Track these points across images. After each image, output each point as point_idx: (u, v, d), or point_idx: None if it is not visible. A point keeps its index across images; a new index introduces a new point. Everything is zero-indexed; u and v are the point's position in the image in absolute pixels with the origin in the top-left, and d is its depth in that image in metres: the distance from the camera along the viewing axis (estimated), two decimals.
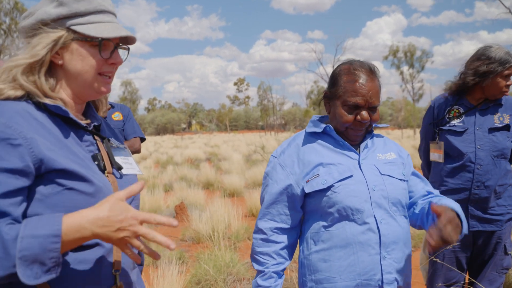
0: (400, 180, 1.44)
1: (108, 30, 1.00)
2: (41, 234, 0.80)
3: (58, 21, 0.98)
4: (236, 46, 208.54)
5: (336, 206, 1.35)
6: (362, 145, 1.45)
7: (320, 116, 1.57)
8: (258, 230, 1.48)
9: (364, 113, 1.38)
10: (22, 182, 0.87)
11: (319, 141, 1.46)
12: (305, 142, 1.48)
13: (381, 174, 1.40)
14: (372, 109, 1.39)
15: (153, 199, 6.78)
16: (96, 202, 0.92)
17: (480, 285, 2.25)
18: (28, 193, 0.89)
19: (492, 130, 2.23)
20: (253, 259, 1.49)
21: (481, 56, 2.23)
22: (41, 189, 0.90)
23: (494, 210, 2.25)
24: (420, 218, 1.43)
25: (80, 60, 1.00)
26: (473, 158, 2.23)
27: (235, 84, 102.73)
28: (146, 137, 3.36)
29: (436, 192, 1.54)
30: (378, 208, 1.36)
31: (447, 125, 2.33)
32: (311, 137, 1.48)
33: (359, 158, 1.42)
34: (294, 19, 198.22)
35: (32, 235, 0.80)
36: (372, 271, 1.33)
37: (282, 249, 1.46)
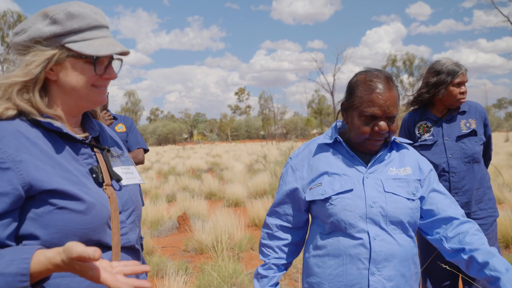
0: (407, 199, 1.38)
1: (103, 47, 1.00)
2: (8, 273, 0.80)
3: (52, 39, 0.98)
4: (237, 56, 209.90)
5: (332, 218, 1.37)
6: (373, 158, 1.42)
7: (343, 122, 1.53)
8: (266, 225, 1.58)
9: (382, 123, 1.35)
10: (10, 205, 0.87)
11: (332, 149, 1.47)
12: (318, 149, 1.49)
13: (384, 191, 1.37)
14: (390, 118, 1.36)
15: (156, 209, 6.78)
16: (89, 219, 0.93)
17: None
18: (21, 212, 0.91)
19: (460, 137, 2.34)
20: (260, 250, 1.60)
21: (430, 69, 2.42)
22: (34, 209, 0.90)
23: (477, 214, 2.33)
24: (456, 258, 1.35)
25: (74, 76, 1.00)
26: (446, 168, 2.34)
27: (236, 93, 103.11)
28: (148, 147, 3.39)
29: (463, 217, 1.40)
30: (373, 224, 1.34)
31: (419, 140, 2.44)
32: (325, 144, 1.49)
33: (365, 172, 1.40)
34: (294, 29, 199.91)
35: (0, 273, 0.80)
36: (359, 284, 1.34)
37: (285, 245, 1.54)
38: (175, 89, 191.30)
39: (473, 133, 2.34)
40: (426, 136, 2.42)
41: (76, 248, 0.78)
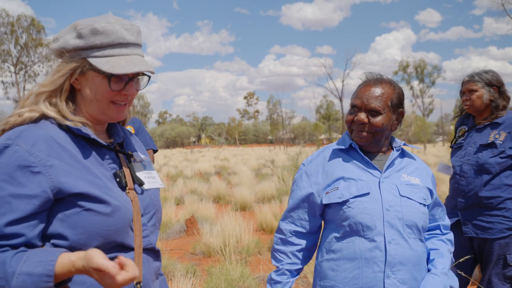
0: (420, 204, 1.45)
1: (119, 66, 1.02)
2: (36, 273, 0.86)
3: (75, 52, 1.03)
4: (246, 61, 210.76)
5: (349, 221, 1.41)
6: (387, 163, 1.48)
7: None
8: (279, 230, 1.60)
9: (361, 114, 1.45)
10: (39, 207, 0.92)
11: (346, 155, 1.52)
12: (332, 155, 1.54)
13: (400, 195, 1.43)
14: (371, 112, 1.44)
15: (164, 212, 6.82)
16: (113, 221, 0.98)
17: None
18: (50, 213, 0.96)
19: (482, 146, 2.44)
20: (272, 255, 1.61)
21: None
22: (62, 210, 0.96)
23: (486, 218, 2.42)
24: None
25: (93, 89, 1.05)
26: (458, 171, 2.52)
27: (245, 98, 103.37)
28: (157, 147, 3.43)
29: (446, 225, 1.62)
30: (390, 228, 1.39)
31: (456, 142, 2.64)
32: (339, 151, 1.54)
33: (380, 177, 1.45)
34: (303, 35, 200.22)
35: (28, 273, 0.86)
36: (374, 287, 1.37)
37: (298, 251, 1.56)
38: (184, 93, 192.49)
39: (493, 145, 2.40)
40: (461, 139, 2.60)
41: (97, 259, 0.83)
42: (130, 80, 1.07)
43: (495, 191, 2.40)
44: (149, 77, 1.13)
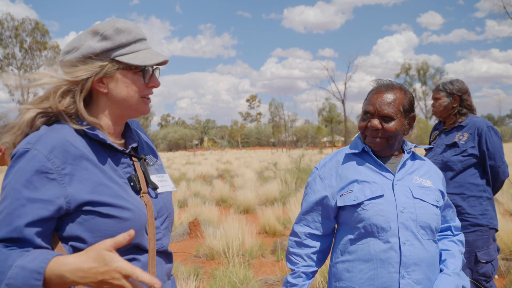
0: (433, 205, 1.48)
1: (149, 58, 1.08)
2: (28, 268, 0.85)
3: (103, 54, 1.05)
4: (248, 64, 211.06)
5: (364, 223, 1.44)
6: (399, 165, 1.52)
7: None
8: (294, 233, 1.61)
9: (374, 120, 1.49)
10: (52, 213, 0.94)
11: (359, 159, 1.55)
12: (345, 159, 1.58)
13: (413, 197, 1.46)
14: (384, 118, 1.48)
15: None
16: (129, 225, 0.99)
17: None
18: (69, 216, 0.98)
19: (447, 146, 2.72)
20: (287, 258, 1.62)
21: None
22: (80, 214, 0.98)
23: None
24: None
25: (125, 87, 1.07)
26: None
27: (247, 100, 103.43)
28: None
29: (456, 226, 1.64)
30: (405, 229, 1.42)
31: (429, 145, 2.87)
32: (352, 154, 1.58)
33: (393, 179, 1.49)
34: (305, 38, 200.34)
35: (22, 266, 0.85)
36: (390, 287, 1.40)
37: (313, 253, 1.58)
38: (186, 96, 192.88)
39: (455, 145, 2.68)
40: (433, 143, 2.88)
41: (143, 275, 0.81)
42: (152, 72, 1.11)
43: (459, 188, 2.62)
44: (159, 70, 1.17)
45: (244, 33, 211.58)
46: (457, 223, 1.65)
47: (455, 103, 2.73)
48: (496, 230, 2.62)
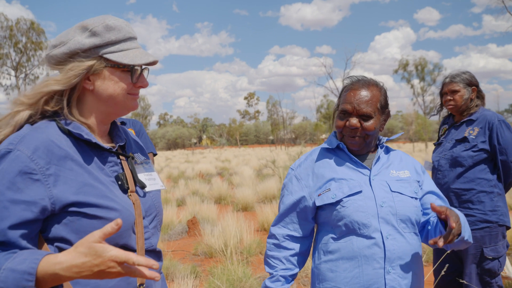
0: (411, 197, 1.46)
1: (138, 57, 1.06)
2: (18, 270, 0.83)
3: (91, 50, 1.02)
4: (245, 62, 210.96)
5: (344, 220, 1.41)
6: (374, 160, 1.50)
7: None
8: (272, 235, 1.57)
9: (352, 119, 1.45)
10: (36, 214, 0.92)
11: (334, 157, 1.53)
12: (320, 157, 1.54)
13: (391, 191, 1.44)
14: (363, 117, 1.45)
15: (166, 214, 6.82)
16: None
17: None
18: (54, 217, 0.95)
19: (457, 141, 2.61)
20: (265, 262, 1.58)
21: None
22: (65, 216, 0.95)
23: (460, 210, 2.48)
24: (433, 232, 1.46)
25: (112, 85, 1.05)
26: (436, 165, 2.69)
27: (246, 98, 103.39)
28: (157, 152, 3.42)
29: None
30: (385, 224, 1.40)
31: (438, 140, 2.83)
32: (327, 152, 1.55)
33: (370, 174, 1.47)
34: (302, 35, 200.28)
35: (12, 269, 0.84)
36: (376, 284, 1.38)
37: (292, 255, 1.53)
38: (184, 94, 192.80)
39: (465, 139, 2.58)
40: (442, 137, 2.78)
41: (137, 258, 0.82)
42: (141, 72, 1.09)
43: (469, 184, 2.52)
44: (148, 70, 1.15)
45: (241, 31, 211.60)
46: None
47: (473, 95, 2.61)
48: (508, 228, 2.51)
